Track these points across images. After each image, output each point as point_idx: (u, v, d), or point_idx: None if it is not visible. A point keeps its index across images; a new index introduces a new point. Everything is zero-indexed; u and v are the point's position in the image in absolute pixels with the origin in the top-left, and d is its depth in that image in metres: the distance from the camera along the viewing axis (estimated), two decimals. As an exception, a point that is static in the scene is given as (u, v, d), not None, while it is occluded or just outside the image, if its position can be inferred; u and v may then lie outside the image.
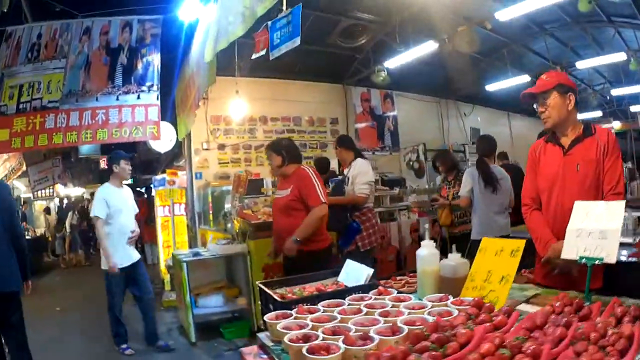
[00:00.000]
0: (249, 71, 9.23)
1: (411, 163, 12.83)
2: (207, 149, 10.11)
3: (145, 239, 12.20)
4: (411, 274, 3.05)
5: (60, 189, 18.40)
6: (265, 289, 2.80)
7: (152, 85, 6.99)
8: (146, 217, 12.03)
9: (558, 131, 3.16)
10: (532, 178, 3.29)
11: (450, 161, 7.19)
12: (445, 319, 1.96)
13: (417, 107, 14.08)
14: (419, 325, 1.90)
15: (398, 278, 3.10)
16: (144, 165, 17.93)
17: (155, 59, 7.12)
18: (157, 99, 6.97)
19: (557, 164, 3.11)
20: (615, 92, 15.60)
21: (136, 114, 6.89)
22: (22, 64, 6.99)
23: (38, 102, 6.79)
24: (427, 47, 9.44)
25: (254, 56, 4.41)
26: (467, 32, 8.80)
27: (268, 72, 10.39)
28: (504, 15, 8.30)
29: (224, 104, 9.45)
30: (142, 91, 6.96)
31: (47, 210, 19.29)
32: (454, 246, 2.71)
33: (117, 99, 6.87)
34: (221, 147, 10.34)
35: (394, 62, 10.41)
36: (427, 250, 2.67)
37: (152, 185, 11.22)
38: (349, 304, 2.40)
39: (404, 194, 9.10)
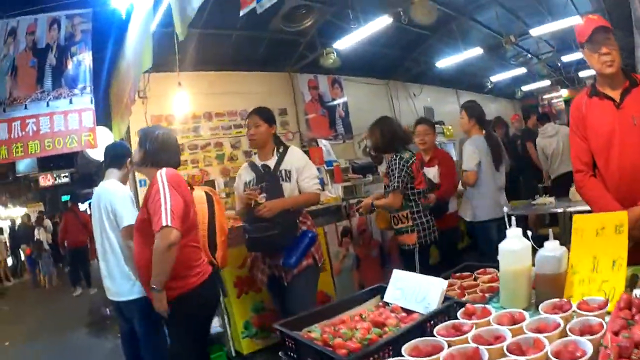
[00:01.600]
0: (189, 65, 8.39)
1: (367, 149, 12.21)
2: (148, 152, 9.11)
3: (93, 256, 11.15)
4: (466, 274, 2.64)
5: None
6: (302, 339, 1.96)
7: (84, 87, 6.35)
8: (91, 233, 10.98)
9: (611, 81, 2.72)
10: (581, 139, 2.85)
11: (389, 133, 4.61)
12: (597, 335, 1.44)
13: (366, 91, 13.49)
14: (583, 356, 1.35)
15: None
16: (83, 178, 16.84)
17: (86, 57, 6.46)
18: (91, 102, 6.34)
19: (610, 120, 2.70)
20: (566, 58, 15.48)
21: (69, 121, 6.21)
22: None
23: (-38, 113, 6.03)
24: (381, 22, 8.79)
25: (241, 13, 4.25)
26: (423, 2, 8.25)
27: (208, 65, 9.57)
28: None
29: (165, 102, 8.61)
30: (74, 94, 6.31)
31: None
32: (549, 233, 2.05)
33: (48, 105, 6.18)
34: None
35: (344, 43, 9.77)
36: (516, 242, 2.03)
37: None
38: (448, 344, 1.65)
39: (378, 181, 8.42)
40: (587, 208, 2.92)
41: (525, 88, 18.41)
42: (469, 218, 5.25)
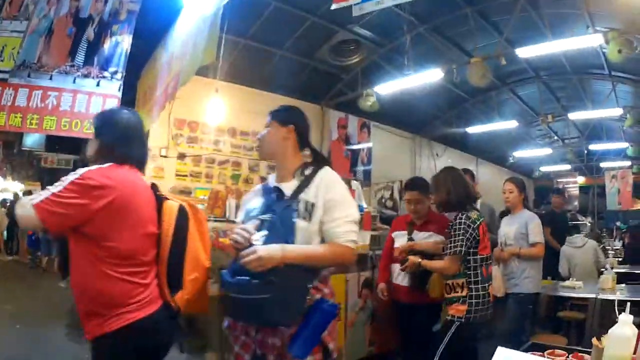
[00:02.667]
0: (225, 73, 7.99)
1: (384, 200, 11.76)
2: (165, 156, 8.64)
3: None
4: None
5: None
6: None
7: (115, 72, 5.73)
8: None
9: None
10: None
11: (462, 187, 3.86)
12: None
13: (392, 142, 13.17)
14: None
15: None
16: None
17: (125, 40, 5.87)
18: (119, 89, 5.72)
19: None
20: (591, 147, 15.50)
21: (92, 104, 5.59)
22: (-24, 20, 5.76)
23: (-13, 69, 5.60)
24: (431, 75, 8.46)
25: (333, 7, 3.85)
26: (479, 64, 7.91)
27: (244, 79, 9.13)
28: (525, 52, 7.64)
29: (192, 106, 8.17)
30: (104, 77, 5.69)
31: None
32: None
33: (74, 82, 5.55)
34: (181, 156, 8.90)
35: (386, 88, 9.38)
36: (628, 328, 1.76)
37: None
38: None
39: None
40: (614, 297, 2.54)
41: (544, 169, 18.16)
42: (516, 290, 4.80)
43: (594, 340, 1.92)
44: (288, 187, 2.50)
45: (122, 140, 2.43)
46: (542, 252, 4.80)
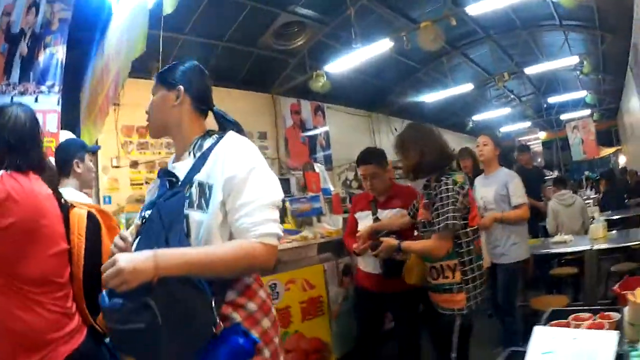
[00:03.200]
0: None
1: (348, 182, 11.54)
2: (117, 167, 8.23)
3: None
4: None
5: None
6: None
7: (53, 85, 5.31)
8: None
9: None
10: None
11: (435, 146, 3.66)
12: None
13: (349, 122, 12.91)
14: None
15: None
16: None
17: (60, 51, 5.47)
18: (58, 103, 5.29)
19: None
20: (548, 100, 15.42)
21: None
22: None
23: None
24: (382, 46, 8.19)
25: None
26: (429, 27, 7.64)
27: None
28: (474, 9, 7.39)
29: (138, 111, 7.60)
30: (41, 92, 5.27)
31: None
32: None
33: (11, 101, 5.07)
34: (134, 164, 8.45)
35: (336, 66, 9.08)
36: None
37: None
38: None
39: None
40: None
41: (504, 129, 18.12)
42: (504, 260, 4.43)
43: (629, 296, 1.82)
44: (184, 168, 1.78)
45: (14, 142, 1.94)
46: (527, 214, 4.33)
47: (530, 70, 11.18)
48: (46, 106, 5.23)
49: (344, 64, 8.95)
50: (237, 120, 2.01)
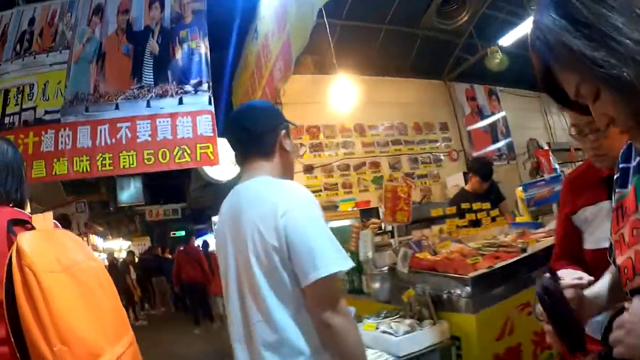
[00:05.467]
0: (325, 65, 6.96)
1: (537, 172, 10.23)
2: (287, 174, 7.62)
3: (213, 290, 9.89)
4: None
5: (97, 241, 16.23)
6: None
7: (200, 83, 4.93)
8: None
9: None
10: None
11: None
12: None
13: (521, 105, 11.53)
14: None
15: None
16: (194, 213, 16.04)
17: (201, 45, 5.06)
18: (209, 102, 4.91)
19: None
20: None
21: (179, 126, 4.77)
22: (7, 60, 5.05)
23: (30, 113, 4.83)
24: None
25: None
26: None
27: (350, 67, 7.47)
28: None
29: (304, 109, 7.19)
30: (186, 92, 4.90)
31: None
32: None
33: (148, 105, 4.81)
34: (308, 169, 7.69)
35: (509, 39, 8.13)
36: None
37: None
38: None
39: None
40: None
41: None
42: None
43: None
44: None
45: None
46: None
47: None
48: (195, 107, 4.86)
49: (514, 37, 8.02)
50: (414, 111, 2.04)
